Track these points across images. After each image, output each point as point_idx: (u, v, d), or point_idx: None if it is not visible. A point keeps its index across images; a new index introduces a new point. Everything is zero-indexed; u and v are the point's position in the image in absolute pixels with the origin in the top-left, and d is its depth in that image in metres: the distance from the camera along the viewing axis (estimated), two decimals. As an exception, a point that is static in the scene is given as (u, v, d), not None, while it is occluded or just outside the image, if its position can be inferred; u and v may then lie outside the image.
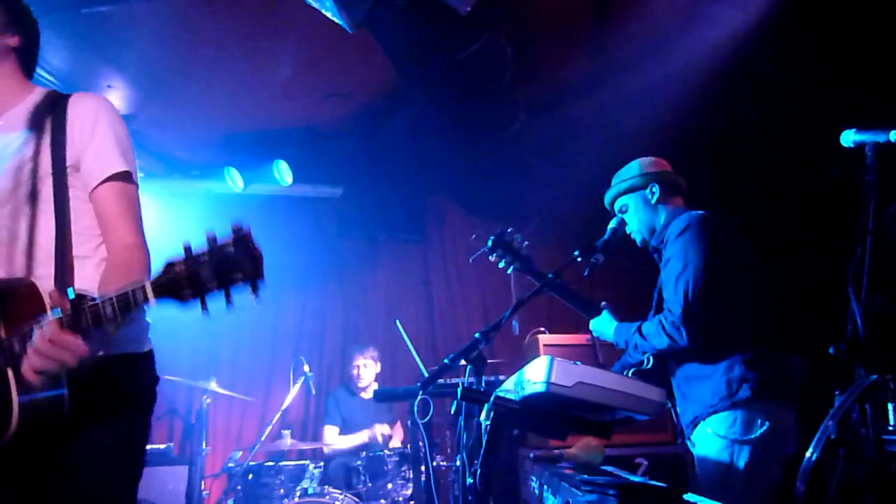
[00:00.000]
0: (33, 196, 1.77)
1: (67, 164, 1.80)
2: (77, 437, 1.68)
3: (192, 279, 1.36)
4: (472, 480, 2.23)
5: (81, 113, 1.84)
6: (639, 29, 4.14)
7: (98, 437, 1.72)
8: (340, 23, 3.30)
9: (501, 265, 2.87)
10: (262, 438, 4.74)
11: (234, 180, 5.65)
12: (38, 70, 4.11)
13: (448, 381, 3.61)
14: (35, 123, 1.83)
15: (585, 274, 2.74)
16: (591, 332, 2.92)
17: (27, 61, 1.98)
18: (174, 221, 5.56)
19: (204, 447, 4.91)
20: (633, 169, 2.90)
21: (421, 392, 2.64)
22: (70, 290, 1.48)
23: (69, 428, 1.63)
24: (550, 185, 5.39)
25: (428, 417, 2.97)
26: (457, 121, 4.92)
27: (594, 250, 2.75)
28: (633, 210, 2.85)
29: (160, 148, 5.56)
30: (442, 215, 6.40)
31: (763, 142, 4.71)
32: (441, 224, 6.38)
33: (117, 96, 4.75)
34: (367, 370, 5.24)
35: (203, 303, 1.38)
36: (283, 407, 4.88)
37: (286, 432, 4.68)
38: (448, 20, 3.24)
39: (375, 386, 5.27)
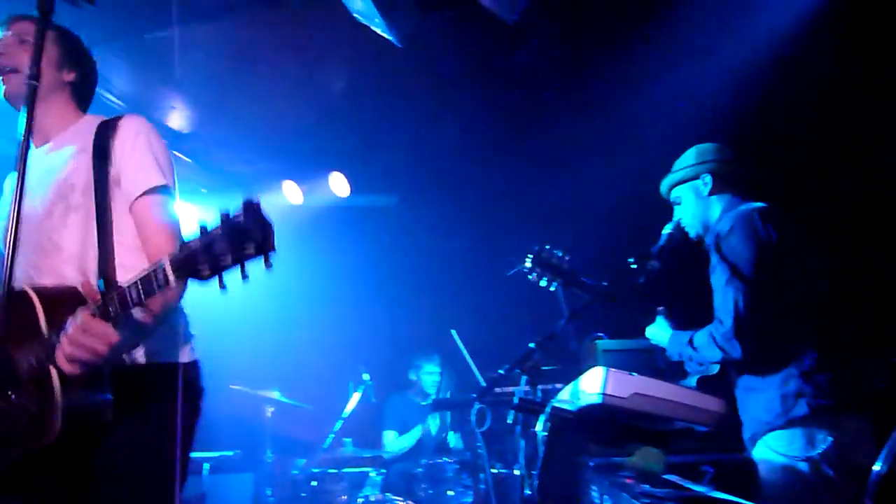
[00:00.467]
0: (76, 208, 1.87)
1: (110, 178, 1.89)
2: (115, 441, 1.75)
3: (207, 253, 1.38)
4: (530, 492, 2.23)
5: (123, 132, 1.94)
6: (690, 22, 4.05)
7: (135, 442, 1.78)
8: (390, 38, 3.35)
9: (543, 284, 2.73)
10: (325, 446, 4.83)
11: (292, 193, 5.79)
12: (105, 93, 4.35)
13: (504, 390, 3.60)
14: (81, 143, 1.95)
15: (640, 281, 2.67)
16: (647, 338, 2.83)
17: (82, 95, 2.12)
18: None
19: (268, 455, 5.04)
20: (688, 157, 2.76)
21: (477, 402, 2.64)
22: (100, 282, 1.56)
23: (109, 431, 1.71)
24: (603, 184, 5.32)
25: (486, 426, 2.97)
26: (507, 124, 4.93)
27: (650, 257, 2.68)
28: (686, 202, 2.72)
29: (220, 164, 5.74)
30: (495, 220, 6.38)
31: (824, 135, 4.53)
32: (494, 229, 6.37)
33: (180, 116, 4.94)
34: (429, 378, 5.27)
35: (220, 279, 1.40)
36: (344, 415, 4.96)
37: (348, 440, 4.76)
38: (495, 29, 3.25)
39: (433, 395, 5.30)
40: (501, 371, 2.40)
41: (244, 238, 1.36)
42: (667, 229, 2.77)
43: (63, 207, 1.88)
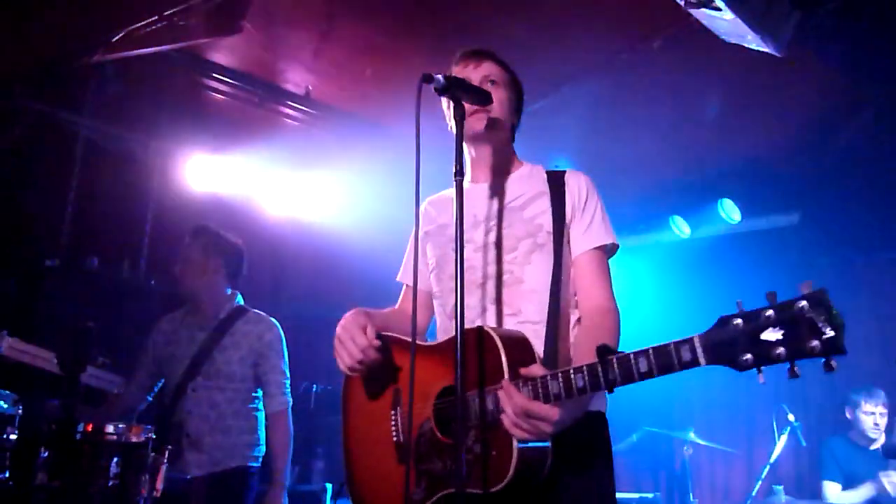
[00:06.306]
0: (539, 248, 1.92)
1: (565, 226, 1.96)
2: (554, 488, 1.71)
3: (752, 339, 1.23)
4: None
5: (577, 184, 2.02)
6: None
7: (573, 488, 1.74)
8: (768, 50, 3.10)
9: None
10: (754, 494, 4.47)
11: (681, 227, 5.65)
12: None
13: None
14: (536, 189, 2.02)
15: None
16: None
17: (512, 134, 2.15)
18: (628, 279, 5.82)
19: (691, 499, 4.88)
20: None
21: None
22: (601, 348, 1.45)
23: (547, 480, 1.64)
24: None
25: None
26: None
27: None
28: None
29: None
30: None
31: None
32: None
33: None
34: (878, 419, 4.43)
35: (759, 372, 1.24)
36: (771, 460, 4.53)
37: (779, 488, 4.33)
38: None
39: (883, 438, 4.43)
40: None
41: (806, 333, 1.18)
42: None
43: (529, 244, 1.93)
